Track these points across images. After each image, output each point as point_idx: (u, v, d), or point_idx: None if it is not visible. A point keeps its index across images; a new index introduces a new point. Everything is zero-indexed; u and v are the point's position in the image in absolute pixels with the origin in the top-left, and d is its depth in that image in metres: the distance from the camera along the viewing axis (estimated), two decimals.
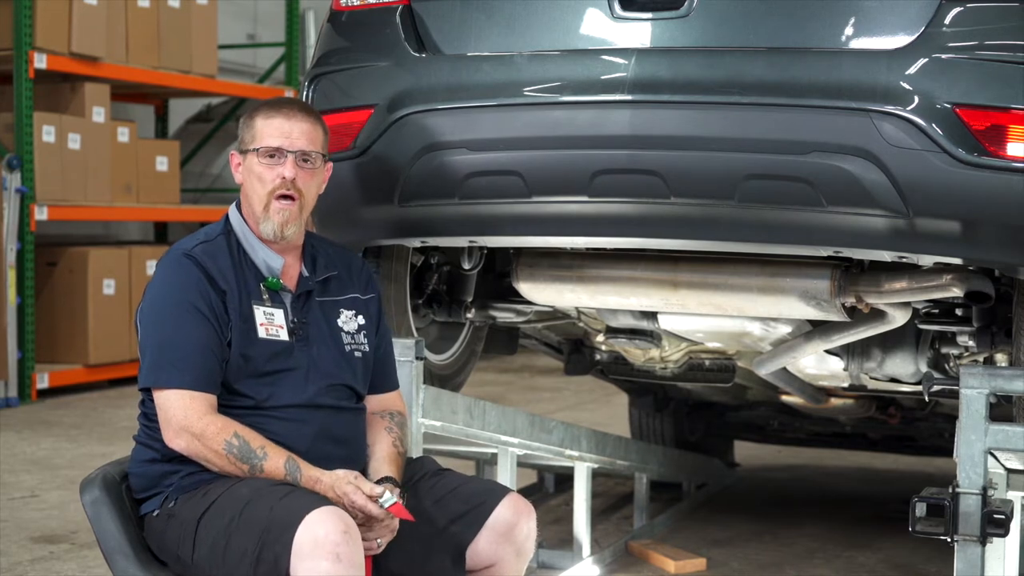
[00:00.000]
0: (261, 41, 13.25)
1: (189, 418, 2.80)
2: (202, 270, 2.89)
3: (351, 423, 3.00)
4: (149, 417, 2.92)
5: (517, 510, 2.95)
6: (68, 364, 9.08)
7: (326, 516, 2.64)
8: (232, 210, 3.04)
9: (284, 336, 2.93)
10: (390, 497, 2.78)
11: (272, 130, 2.95)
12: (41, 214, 8.63)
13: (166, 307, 2.89)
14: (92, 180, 9.15)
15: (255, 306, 2.92)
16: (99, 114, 9.20)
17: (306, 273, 3.03)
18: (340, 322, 3.03)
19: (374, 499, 2.77)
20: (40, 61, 8.60)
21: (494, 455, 4.37)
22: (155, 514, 2.88)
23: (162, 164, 9.99)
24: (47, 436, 7.46)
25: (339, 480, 2.78)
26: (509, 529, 2.93)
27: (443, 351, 4.29)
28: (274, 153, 2.94)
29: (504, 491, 3.00)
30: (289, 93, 11.09)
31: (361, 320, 3.06)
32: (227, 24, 11.74)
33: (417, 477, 3.03)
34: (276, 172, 2.94)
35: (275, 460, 2.79)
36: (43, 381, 8.75)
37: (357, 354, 3.03)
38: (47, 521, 5.47)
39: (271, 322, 2.93)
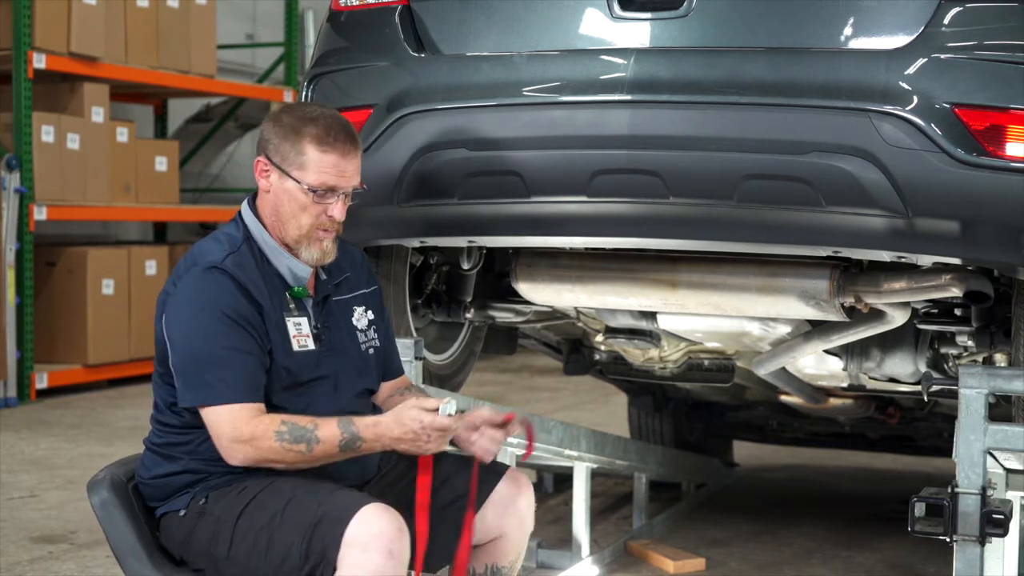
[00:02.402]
0: (260, 41, 13.24)
1: (238, 429, 2.76)
2: (236, 283, 2.83)
3: None
4: (172, 427, 2.89)
5: (518, 483, 3.07)
6: (67, 364, 9.07)
7: (382, 512, 2.67)
8: (247, 214, 2.97)
9: (312, 344, 2.92)
10: (451, 402, 2.80)
11: (328, 167, 2.87)
12: (40, 214, 8.63)
13: (203, 322, 2.81)
14: (91, 180, 9.15)
15: (286, 317, 2.90)
16: (98, 114, 9.20)
17: (323, 277, 3.01)
18: (354, 320, 3.04)
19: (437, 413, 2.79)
20: (39, 61, 8.60)
21: None
22: (182, 513, 2.86)
23: (161, 164, 9.99)
24: (46, 436, 7.45)
25: (402, 411, 2.77)
26: (511, 501, 3.05)
27: (442, 351, 4.29)
28: (327, 192, 2.89)
29: (503, 467, 3.10)
30: (288, 93, 11.09)
31: (370, 315, 3.08)
32: (226, 24, 11.74)
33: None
34: (324, 208, 2.89)
35: (327, 426, 2.76)
36: (42, 381, 8.75)
37: (371, 351, 3.05)
38: (46, 521, 5.47)
39: (300, 332, 2.91)
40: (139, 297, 9.48)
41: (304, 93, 3.64)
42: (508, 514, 3.04)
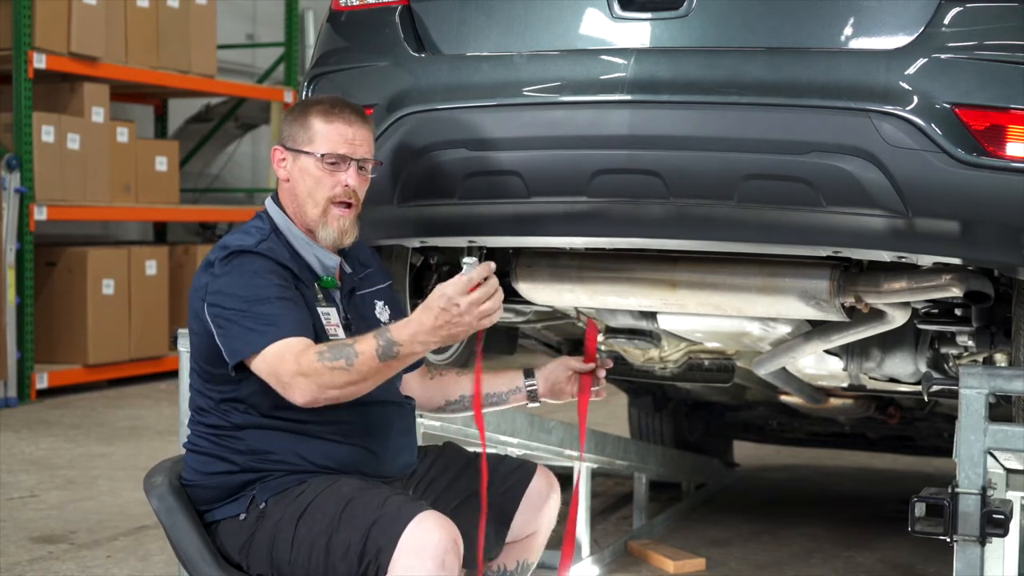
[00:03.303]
0: (260, 41, 13.25)
1: (287, 363, 2.71)
2: (274, 262, 2.86)
3: (408, 415, 3.09)
4: (222, 428, 2.90)
5: (549, 481, 3.20)
6: (67, 364, 9.08)
7: (440, 522, 2.67)
8: (272, 207, 3.01)
9: (342, 334, 2.94)
10: (469, 259, 2.77)
11: (335, 135, 2.95)
12: (40, 214, 8.63)
13: (244, 289, 2.80)
14: (91, 180, 9.15)
15: (317, 308, 2.93)
16: (98, 114, 9.20)
17: (348, 269, 3.06)
18: (377, 313, 3.09)
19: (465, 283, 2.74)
20: (39, 61, 8.60)
21: None
22: (242, 517, 2.86)
23: (161, 164, 9.99)
24: (46, 436, 7.45)
25: (432, 298, 2.71)
26: (544, 498, 3.17)
27: (442, 352, 4.29)
28: (337, 160, 2.94)
29: (535, 465, 3.21)
30: (288, 93, 11.09)
31: (389, 310, 3.12)
32: (226, 24, 11.74)
33: (462, 464, 3.13)
34: (337, 179, 2.95)
35: (364, 340, 2.73)
36: (42, 381, 8.75)
37: None
38: (46, 521, 5.47)
39: (330, 322, 2.94)
40: (139, 297, 9.49)
41: (304, 93, 3.64)
42: (541, 511, 3.16)
